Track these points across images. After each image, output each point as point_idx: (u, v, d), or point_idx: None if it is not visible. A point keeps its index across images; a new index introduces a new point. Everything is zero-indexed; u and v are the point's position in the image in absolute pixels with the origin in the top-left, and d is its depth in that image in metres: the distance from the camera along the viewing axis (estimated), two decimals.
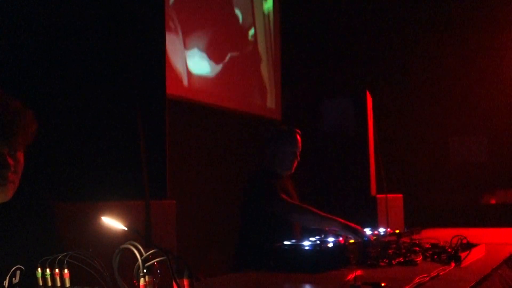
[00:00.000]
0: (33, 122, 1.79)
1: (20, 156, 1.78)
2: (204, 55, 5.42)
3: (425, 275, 2.21)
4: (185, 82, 5.13)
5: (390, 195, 5.42)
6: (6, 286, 1.73)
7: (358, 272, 2.46)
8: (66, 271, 1.56)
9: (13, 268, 1.76)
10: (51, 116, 2.78)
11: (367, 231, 3.07)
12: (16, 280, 1.77)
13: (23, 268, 1.78)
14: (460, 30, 7.42)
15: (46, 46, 2.86)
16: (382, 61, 7.59)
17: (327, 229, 3.03)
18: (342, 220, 3.06)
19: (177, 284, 1.28)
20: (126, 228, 1.41)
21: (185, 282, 1.29)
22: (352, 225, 3.02)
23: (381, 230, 3.26)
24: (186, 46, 5.16)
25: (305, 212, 3.22)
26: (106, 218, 1.41)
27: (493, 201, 7.32)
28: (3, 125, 1.69)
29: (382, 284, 1.81)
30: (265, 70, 6.43)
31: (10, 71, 2.67)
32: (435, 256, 2.76)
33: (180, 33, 5.08)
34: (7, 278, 1.75)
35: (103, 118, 3.18)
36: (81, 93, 3.07)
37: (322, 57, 7.44)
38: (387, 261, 2.65)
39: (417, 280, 2.12)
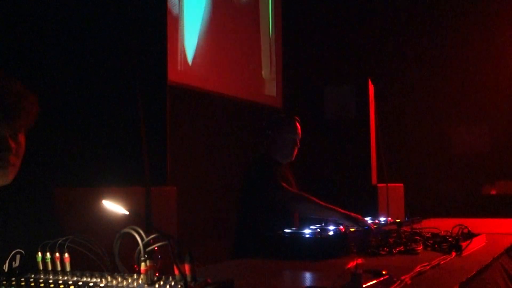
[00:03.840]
0: (35, 104, 1.78)
1: (22, 139, 1.78)
2: (205, 41, 5.40)
3: (426, 263, 2.20)
4: (186, 69, 5.10)
5: (391, 184, 5.42)
6: (6, 270, 1.73)
7: (359, 261, 2.46)
8: (66, 255, 1.55)
9: (13, 252, 1.76)
10: (53, 102, 2.77)
11: (368, 220, 3.06)
12: (16, 264, 1.76)
13: (23, 252, 1.78)
14: (462, 18, 7.38)
15: (46, 30, 2.84)
16: (384, 50, 7.56)
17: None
18: (342, 210, 3.05)
19: (179, 269, 1.27)
20: (127, 212, 1.40)
21: (186, 267, 1.28)
22: (352, 214, 3.00)
23: (382, 219, 3.26)
24: (187, 32, 5.13)
25: (305, 201, 3.20)
26: (107, 202, 1.40)
27: (493, 192, 7.32)
28: (5, 107, 1.69)
29: (383, 272, 1.80)
30: (266, 57, 6.40)
31: (10, 53, 2.66)
32: (436, 245, 2.75)
33: (181, 20, 5.05)
34: (7, 262, 1.74)
35: (104, 104, 3.17)
36: (82, 79, 3.06)
37: (324, 44, 7.41)
38: (387, 249, 2.64)
39: (418, 268, 2.11)
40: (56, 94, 2.83)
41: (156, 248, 1.38)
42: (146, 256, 1.36)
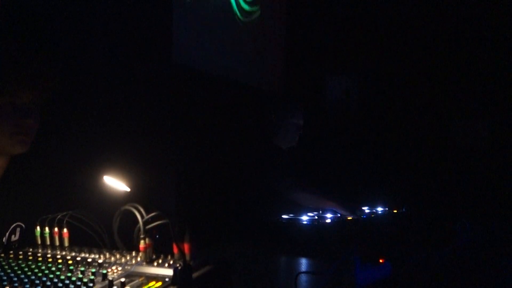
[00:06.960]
0: (54, 78, 1.80)
1: (39, 111, 1.80)
2: (209, 24, 5.37)
3: (423, 254, 2.21)
4: (189, 50, 5.08)
5: None
6: (5, 242, 1.73)
7: (356, 248, 2.47)
8: (65, 230, 1.55)
9: (13, 225, 1.76)
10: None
11: (365, 209, 3.07)
12: (15, 238, 1.77)
13: (23, 225, 1.78)
14: (463, 11, 7.34)
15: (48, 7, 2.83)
16: (387, 42, 7.53)
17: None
18: (339, 200, 3.05)
19: (178, 248, 1.27)
20: (128, 189, 1.40)
21: (186, 246, 1.28)
22: (351, 204, 3.01)
23: (379, 209, 3.26)
24: (191, 14, 5.11)
25: (302, 191, 3.19)
26: (109, 177, 1.40)
27: None
28: (29, 77, 1.71)
29: (380, 260, 1.81)
30: (269, 42, 6.38)
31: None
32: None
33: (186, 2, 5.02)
34: (7, 234, 1.74)
35: (107, 82, 3.16)
36: (85, 59, 3.05)
37: (329, 33, 7.37)
38: (384, 238, 2.65)
39: (414, 257, 2.12)
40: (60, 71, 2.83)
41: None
42: (145, 233, 1.35)
